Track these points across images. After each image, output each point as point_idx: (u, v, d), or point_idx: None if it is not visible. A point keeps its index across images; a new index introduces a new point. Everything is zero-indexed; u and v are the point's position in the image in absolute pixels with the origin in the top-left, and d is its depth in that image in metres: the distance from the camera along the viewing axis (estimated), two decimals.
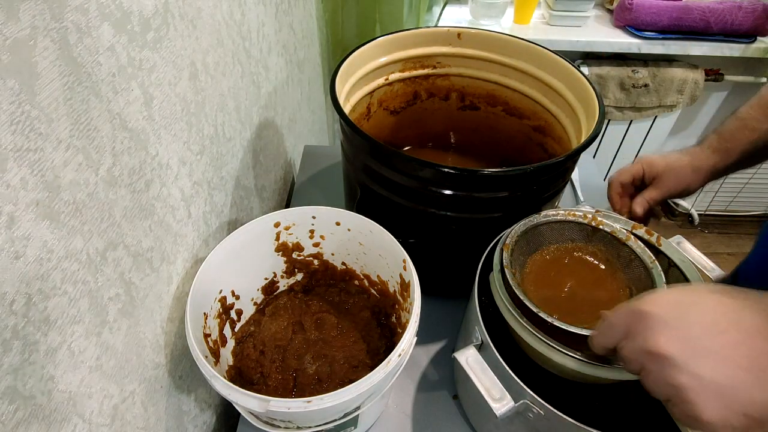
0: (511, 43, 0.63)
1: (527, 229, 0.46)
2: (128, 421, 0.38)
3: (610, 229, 0.47)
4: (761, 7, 1.33)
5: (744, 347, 0.26)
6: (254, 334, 0.55)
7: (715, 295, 0.28)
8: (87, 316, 0.32)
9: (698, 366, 0.26)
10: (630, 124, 1.60)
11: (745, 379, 0.26)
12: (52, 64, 0.27)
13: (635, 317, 0.30)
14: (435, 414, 0.55)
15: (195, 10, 0.45)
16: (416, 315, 0.43)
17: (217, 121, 0.53)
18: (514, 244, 0.45)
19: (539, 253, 0.48)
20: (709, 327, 0.27)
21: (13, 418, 0.26)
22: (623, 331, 0.31)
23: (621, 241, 0.46)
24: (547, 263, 0.47)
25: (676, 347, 0.27)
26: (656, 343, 0.28)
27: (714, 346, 0.26)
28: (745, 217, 1.92)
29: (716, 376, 0.26)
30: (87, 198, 0.31)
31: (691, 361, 0.27)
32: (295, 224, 0.54)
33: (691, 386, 0.26)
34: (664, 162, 0.58)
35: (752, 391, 0.25)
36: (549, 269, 0.47)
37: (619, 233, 0.46)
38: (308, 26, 1.04)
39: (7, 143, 0.24)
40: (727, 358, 0.26)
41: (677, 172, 0.58)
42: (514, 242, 0.45)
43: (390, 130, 0.72)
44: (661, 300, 0.29)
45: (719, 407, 0.26)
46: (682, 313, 0.28)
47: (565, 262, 0.47)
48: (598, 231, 0.47)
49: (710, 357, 0.26)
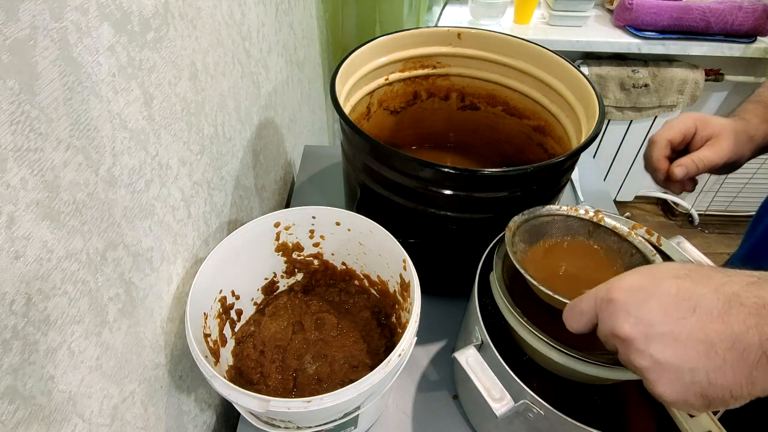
0: (511, 43, 0.63)
1: (530, 218, 0.47)
2: (128, 421, 0.38)
3: (611, 225, 0.47)
4: (761, 7, 1.33)
5: (701, 333, 0.27)
6: (254, 334, 0.55)
7: (677, 280, 0.29)
8: (87, 316, 0.32)
9: (657, 351, 0.28)
10: (630, 124, 1.60)
11: (702, 363, 0.26)
12: (52, 64, 0.27)
13: (602, 304, 0.31)
14: (435, 414, 0.55)
15: (195, 10, 0.45)
16: (416, 315, 0.43)
17: (217, 121, 0.53)
18: (516, 227, 0.45)
19: (540, 244, 0.48)
20: (668, 313, 0.28)
21: (13, 418, 0.26)
22: (593, 316, 0.32)
23: (622, 237, 0.46)
24: (547, 253, 0.47)
25: (637, 332, 0.29)
26: (621, 329, 0.29)
27: (673, 332, 0.27)
28: (745, 217, 1.92)
29: (674, 360, 0.27)
30: (87, 198, 0.31)
31: (651, 345, 0.28)
32: (295, 224, 0.55)
33: (651, 368, 0.28)
34: (719, 122, 0.50)
35: (709, 374, 0.26)
36: (549, 258, 0.47)
37: (620, 229, 0.46)
38: (308, 26, 1.04)
39: (7, 143, 0.24)
40: (686, 344, 0.27)
41: (737, 135, 0.49)
42: (516, 226, 0.45)
43: (390, 130, 0.72)
44: (625, 286, 0.30)
45: (678, 388, 0.27)
46: (643, 300, 0.29)
47: (566, 252, 0.47)
48: (600, 227, 0.47)
49: (669, 342, 0.27)
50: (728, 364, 0.26)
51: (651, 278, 0.30)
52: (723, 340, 0.26)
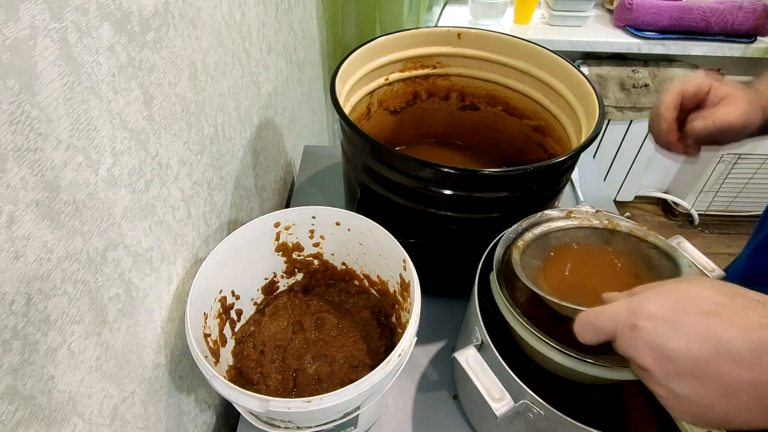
0: (511, 43, 0.63)
1: (540, 235, 0.45)
2: (128, 421, 0.38)
3: (627, 229, 0.45)
4: (761, 7, 1.33)
5: (725, 377, 0.26)
6: (254, 334, 0.55)
7: (706, 318, 0.27)
8: (87, 316, 0.32)
9: (677, 386, 0.27)
10: (630, 124, 1.60)
11: (722, 404, 0.26)
12: (52, 64, 0.27)
13: (623, 328, 0.30)
14: (435, 414, 0.55)
15: (195, 10, 0.45)
16: (416, 315, 0.43)
17: (217, 121, 0.53)
18: (525, 246, 0.44)
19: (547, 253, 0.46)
20: (692, 352, 0.27)
21: (13, 418, 0.26)
22: (610, 335, 0.31)
23: (640, 237, 0.44)
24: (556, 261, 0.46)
25: (658, 366, 0.28)
26: (642, 360, 0.29)
27: (694, 372, 0.27)
28: (745, 217, 1.92)
29: (694, 397, 0.27)
30: (87, 198, 0.31)
31: (672, 381, 0.27)
32: (295, 224, 0.55)
33: (669, 397, 0.28)
34: (733, 85, 0.48)
35: (728, 414, 0.26)
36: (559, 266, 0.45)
37: (636, 231, 0.45)
38: (308, 26, 1.04)
39: (7, 143, 0.24)
40: (707, 385, 0.26)
41: (750, 99, 0.48)
42: (525, 245, 0.44)
43: (390, 130, 0.72)
44: (649, 313, 0.29)
45: (694, 418, 0.28)
46: (667, 334, 0.28)
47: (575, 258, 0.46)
48: (615, 233, 0.46)
49: (689, 381, 0.27)
50: (750, 409, 0.25)
51: (679, 310, 0.28)
52: (748, 387, 0.25)
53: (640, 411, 0.48)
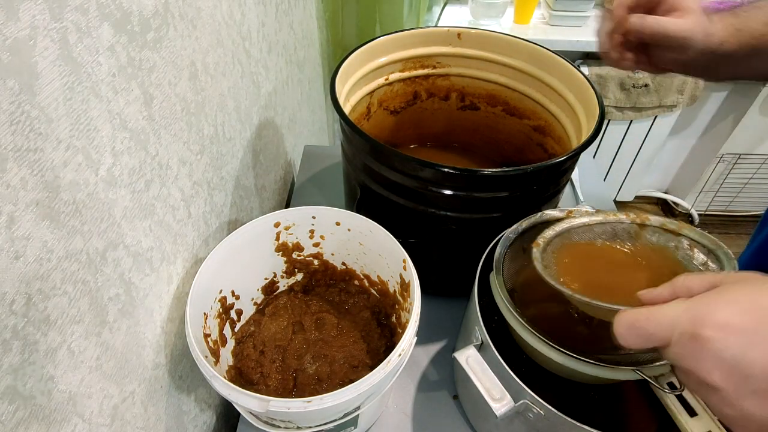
0: (511, 43, 0.63)
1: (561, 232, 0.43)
2: (128, 421, 0.38)
3: (658, 223, 0.43)
4: None
5: None
6: (254, 334, 0.55)
7: None
8: (87, 316, 0.32)
9: (751, 406, 0.24)
10: (630, 124, 1.60)
11: None
12: (52, 64, 0.27)
13: (682, 337, 0.26)
14: (435, 414, 0.55)
15: (195, 10, 0.45)
16: (416, 315, 0.43)
17: (217, 121, 0.53)
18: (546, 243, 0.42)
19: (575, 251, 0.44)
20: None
21: (13, 418, 0.26)
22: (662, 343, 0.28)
23: (675, 232, 0.42)
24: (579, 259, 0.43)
25: (730, 383, 0.25)
26: (709, 376, 0.25)
27: None
28: (745, 217, 1.92)
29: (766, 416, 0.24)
30: (87, 198, 0.31)
31: (746, 401, 0.25)
32: (295, 224, 0.55)
33: (738, 419, 0.25)
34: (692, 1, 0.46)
35: None
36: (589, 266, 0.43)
37: (669, 224, 0.42)
38: (308, 26, 1.04)
39: (7, 143, 0.24)
40: None
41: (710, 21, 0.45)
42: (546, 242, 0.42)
43: (390, 130, 0.72)
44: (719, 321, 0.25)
45: None
46: (744, 348, 0.24)
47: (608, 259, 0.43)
48: (644, 227, 0.43)
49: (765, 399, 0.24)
50: None
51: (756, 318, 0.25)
52: None
53: (640, 411, 0.48)
